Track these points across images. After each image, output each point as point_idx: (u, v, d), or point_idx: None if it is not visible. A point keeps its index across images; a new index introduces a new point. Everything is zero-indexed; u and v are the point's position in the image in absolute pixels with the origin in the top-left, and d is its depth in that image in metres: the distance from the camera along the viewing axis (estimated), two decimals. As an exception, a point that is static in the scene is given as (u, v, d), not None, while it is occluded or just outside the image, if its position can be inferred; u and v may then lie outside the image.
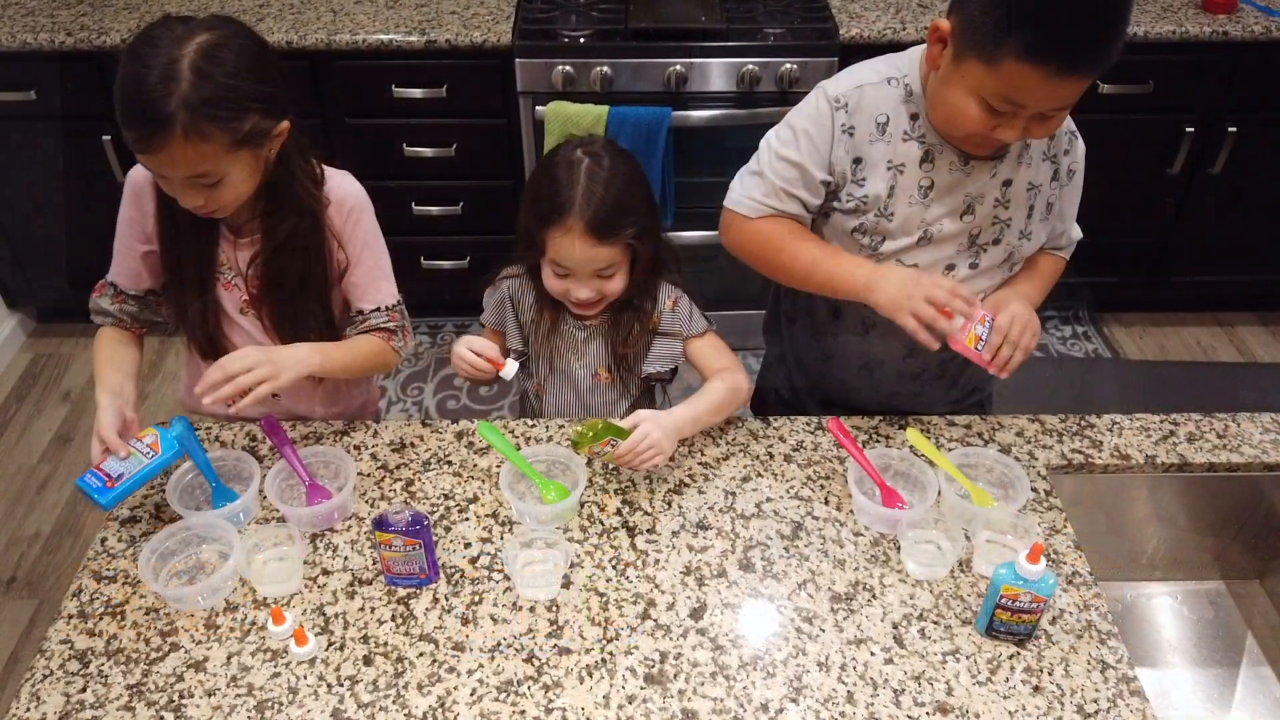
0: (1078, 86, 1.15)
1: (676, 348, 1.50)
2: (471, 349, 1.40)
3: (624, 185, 1.37)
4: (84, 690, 1.14)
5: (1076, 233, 1.50)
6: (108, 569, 1.28)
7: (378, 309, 1.48)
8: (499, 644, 1.18)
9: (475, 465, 1.43)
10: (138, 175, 1.40)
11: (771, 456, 1.44)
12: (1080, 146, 1.41)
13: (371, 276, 1.47)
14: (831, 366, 1.52)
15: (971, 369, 1.51)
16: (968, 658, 1.17)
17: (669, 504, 1.36)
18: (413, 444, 1.46)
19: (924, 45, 1.30)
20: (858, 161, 1.33)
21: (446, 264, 2.81)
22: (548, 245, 1.38)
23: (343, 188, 1.45)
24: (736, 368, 1.49)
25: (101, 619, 1.22)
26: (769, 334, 1.67)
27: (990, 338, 1.32)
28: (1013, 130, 1.20)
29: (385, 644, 1.18)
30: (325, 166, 1.45)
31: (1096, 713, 1.12)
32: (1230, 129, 2.62)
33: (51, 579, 2.33)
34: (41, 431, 2.74)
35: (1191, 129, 2.62)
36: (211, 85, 1.19)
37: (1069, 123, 1.38)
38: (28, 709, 1.12)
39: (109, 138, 2.51)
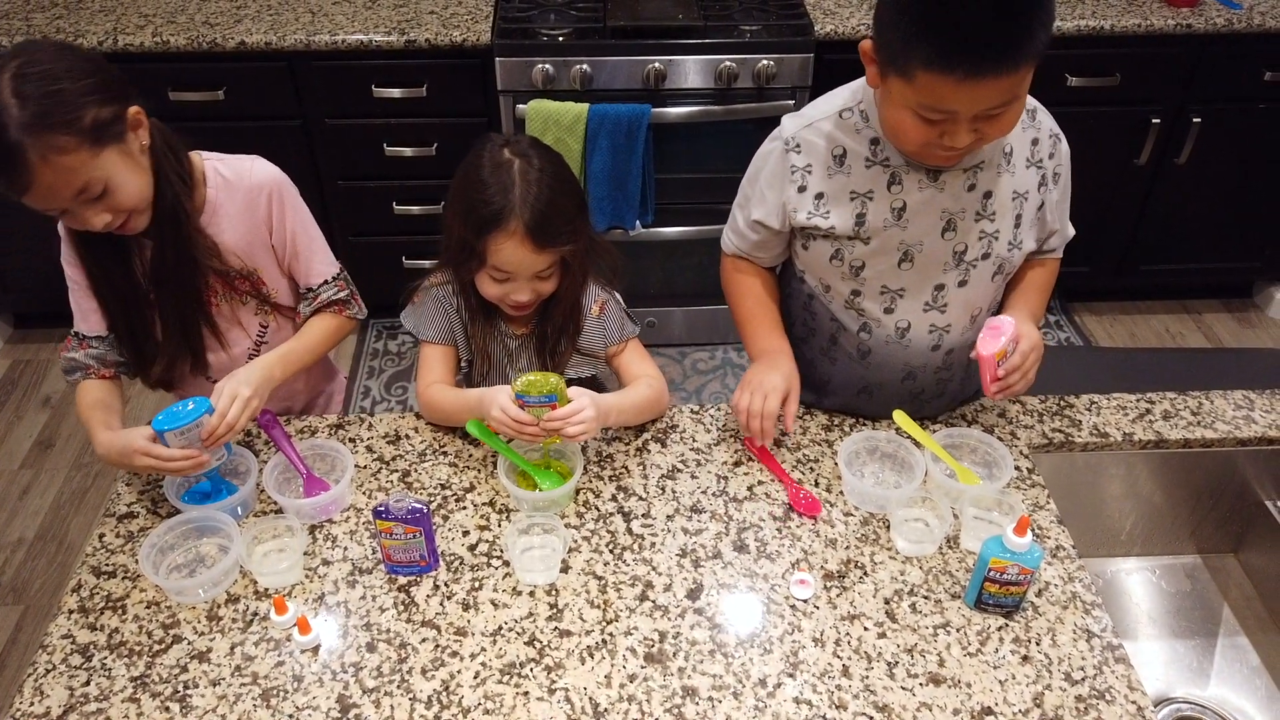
0: (1001, 84, 1.10)
1: (599, 351, 1.50)
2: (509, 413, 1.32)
3: (558, 185, 1.34)
4: (87, 684, 1.14)
5: (1070, 230, 1.48)
6: (106, 564, 1.28)
7: (325, 282, 1.53)
8: (500, 628, 1.20)
9: (471, 455, 1.44)
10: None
11: (761, 441, 1.47)
12: (1064, 148, 1.38)
13: (310, 252, 1.51)
14: (831, 389, 1.52)
15: (970, 386, 1.54)
16: (958, 630, 1.21)
17: (663, 489, 1.39)
18: (407, 436, 1.48)
19: None
20: (819, 197, 1.34)
21: (429, 263, 2.80)
22: (489, 253, 1.33)
23: (255, 173, 1.43)
24: (657, 376, 1.50)
25: (103, 613, 1.22)
26: None
27: (1012, 359, 1.31)
28: (960, 136, 1.16)
29: (388, 631, 1.20)
30: (234, 155, 1.43)
31: (1083, 679, 1.15)
32: (1195, 120, 2.68)
33: (36, 584, 2.32)
34: (22, 438, 2.72)
35: (1157, 120, 2.69)
36: (35, 101, 1.17)
37: (1052, 125, 1.36)
38: (31, 703, 1.13)
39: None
